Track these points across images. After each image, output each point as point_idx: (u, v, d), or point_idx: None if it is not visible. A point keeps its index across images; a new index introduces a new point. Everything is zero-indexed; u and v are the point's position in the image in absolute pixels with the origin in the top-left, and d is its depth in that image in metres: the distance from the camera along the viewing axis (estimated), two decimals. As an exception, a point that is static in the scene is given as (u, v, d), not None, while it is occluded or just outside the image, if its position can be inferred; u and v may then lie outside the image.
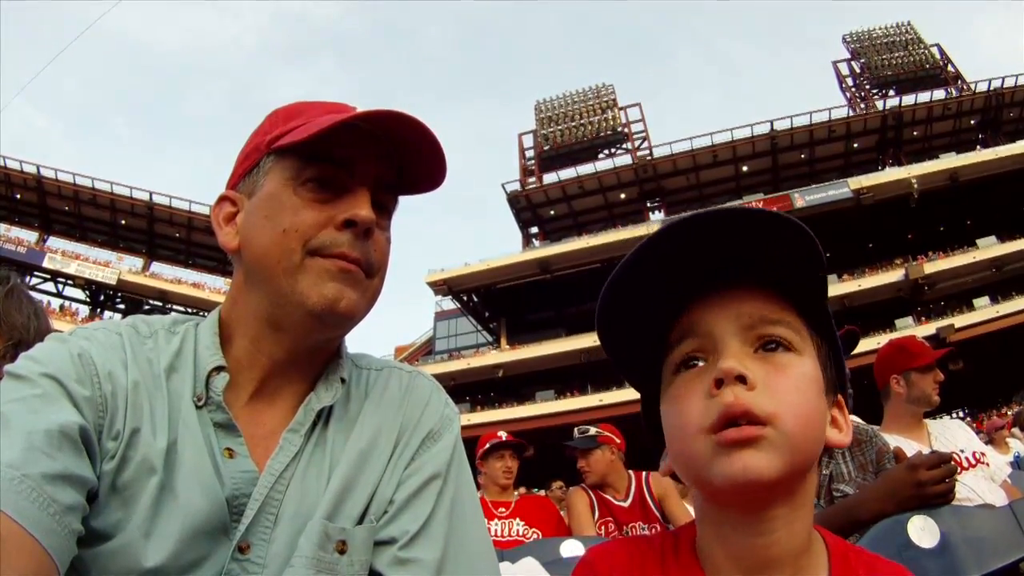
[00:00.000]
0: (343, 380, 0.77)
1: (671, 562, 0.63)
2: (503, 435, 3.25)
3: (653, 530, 2.81)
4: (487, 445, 3.19)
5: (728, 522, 0.59)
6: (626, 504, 2.91)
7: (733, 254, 0.58)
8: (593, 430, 3.08)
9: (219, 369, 0.71)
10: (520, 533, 2.99)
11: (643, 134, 38.91)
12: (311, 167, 0.72)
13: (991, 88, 34.80)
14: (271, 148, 0.74)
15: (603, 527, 2.84)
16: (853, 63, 39.69)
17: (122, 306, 37.19)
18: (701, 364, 0.60)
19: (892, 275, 30.11)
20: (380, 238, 0.75)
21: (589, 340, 28.58)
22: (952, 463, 1.34)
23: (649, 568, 0.63)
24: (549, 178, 38.62)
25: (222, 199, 0.78)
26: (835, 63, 40.45)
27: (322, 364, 0.78)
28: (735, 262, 0.59)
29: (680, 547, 0.64)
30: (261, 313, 0.73)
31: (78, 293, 36.81)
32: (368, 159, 0.74)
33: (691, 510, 0.87)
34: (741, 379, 0.55)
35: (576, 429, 3.16)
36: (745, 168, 37.09)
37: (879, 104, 36.89)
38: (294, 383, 0.76)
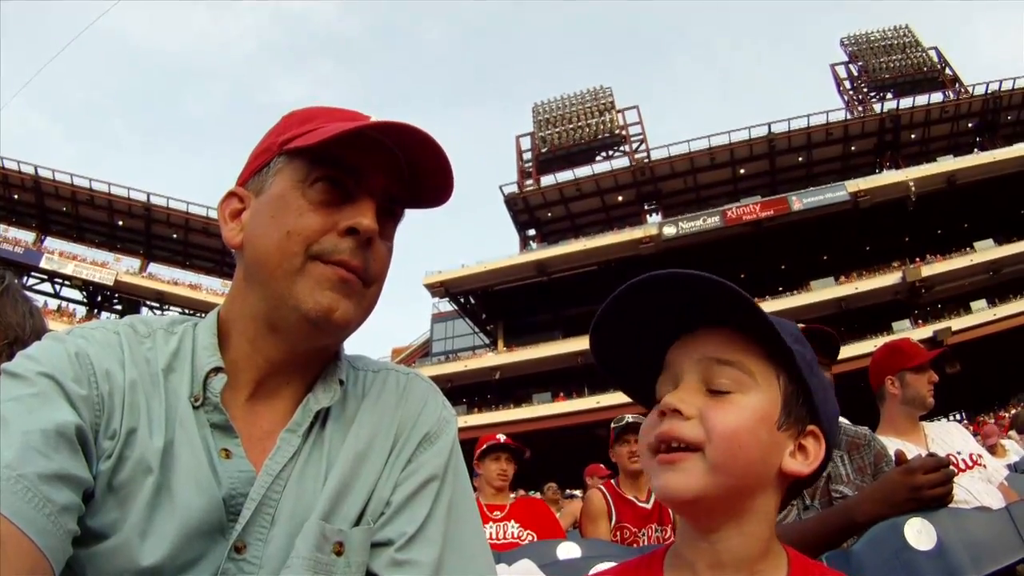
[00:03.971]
0: (341, 382, 0.77)
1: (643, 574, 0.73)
2: (501, 438, 3.28)
3: (666, 532, 2.88)
4: (484, 446, 3.22)
5: (688, 527, 0.70)
6: (648, 505, 2.92)
7: (688, 303, 0.69)
8: (630, 418, 3.08)
9: (217, 370, 0.71)
10: (515, 535, 3.00)
11: (640, 136, 38.96)
12: (319, 170, 0.72)
13: (989, 91, 34.92)
14: (283, 149, 0.75)
15: (618, 532, 2.84)
16: (851, 66, 39.81)
17: (119, 307, 37.10)
18: None
19: (889, 278, 30.16)
20: (381, 248, 0.76)
21: (586, 342, 28.35)
22: (950, 467, 1.34)
23: None
24: (546, 180, 38.61)
25: (230, 195, 0.78)
26: (833, 66, 40.57)
27: (320, 366, 0.78)
28: (691, 311, 0.70)
29: (653, 560, 0.73)
30: (259, 314, 0.73)
31: (75, 294, 36.75)
32: (376, 169, 0.74)
33: None
34: (677, 412, 0.66)
35: (613, 420, 3.16)
36: (742, 171, 37.13)
37: (877, 107, 37.00)
38: (292, 384, 0.76)
